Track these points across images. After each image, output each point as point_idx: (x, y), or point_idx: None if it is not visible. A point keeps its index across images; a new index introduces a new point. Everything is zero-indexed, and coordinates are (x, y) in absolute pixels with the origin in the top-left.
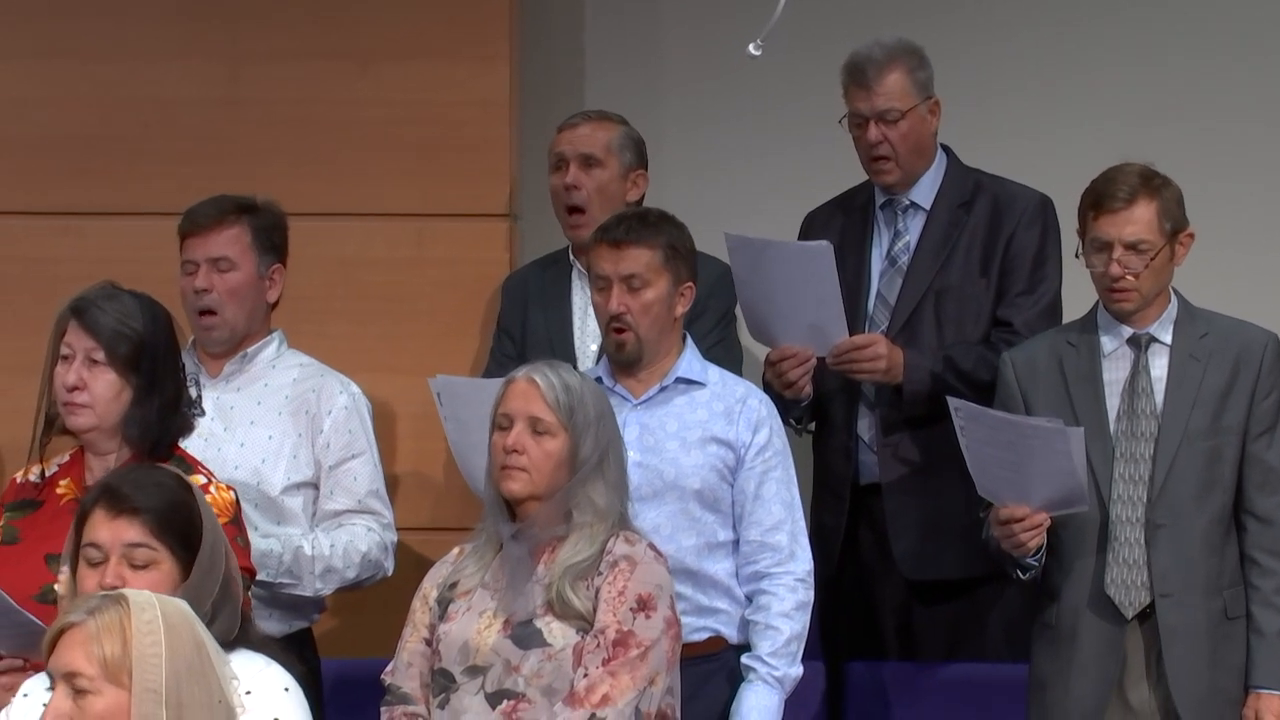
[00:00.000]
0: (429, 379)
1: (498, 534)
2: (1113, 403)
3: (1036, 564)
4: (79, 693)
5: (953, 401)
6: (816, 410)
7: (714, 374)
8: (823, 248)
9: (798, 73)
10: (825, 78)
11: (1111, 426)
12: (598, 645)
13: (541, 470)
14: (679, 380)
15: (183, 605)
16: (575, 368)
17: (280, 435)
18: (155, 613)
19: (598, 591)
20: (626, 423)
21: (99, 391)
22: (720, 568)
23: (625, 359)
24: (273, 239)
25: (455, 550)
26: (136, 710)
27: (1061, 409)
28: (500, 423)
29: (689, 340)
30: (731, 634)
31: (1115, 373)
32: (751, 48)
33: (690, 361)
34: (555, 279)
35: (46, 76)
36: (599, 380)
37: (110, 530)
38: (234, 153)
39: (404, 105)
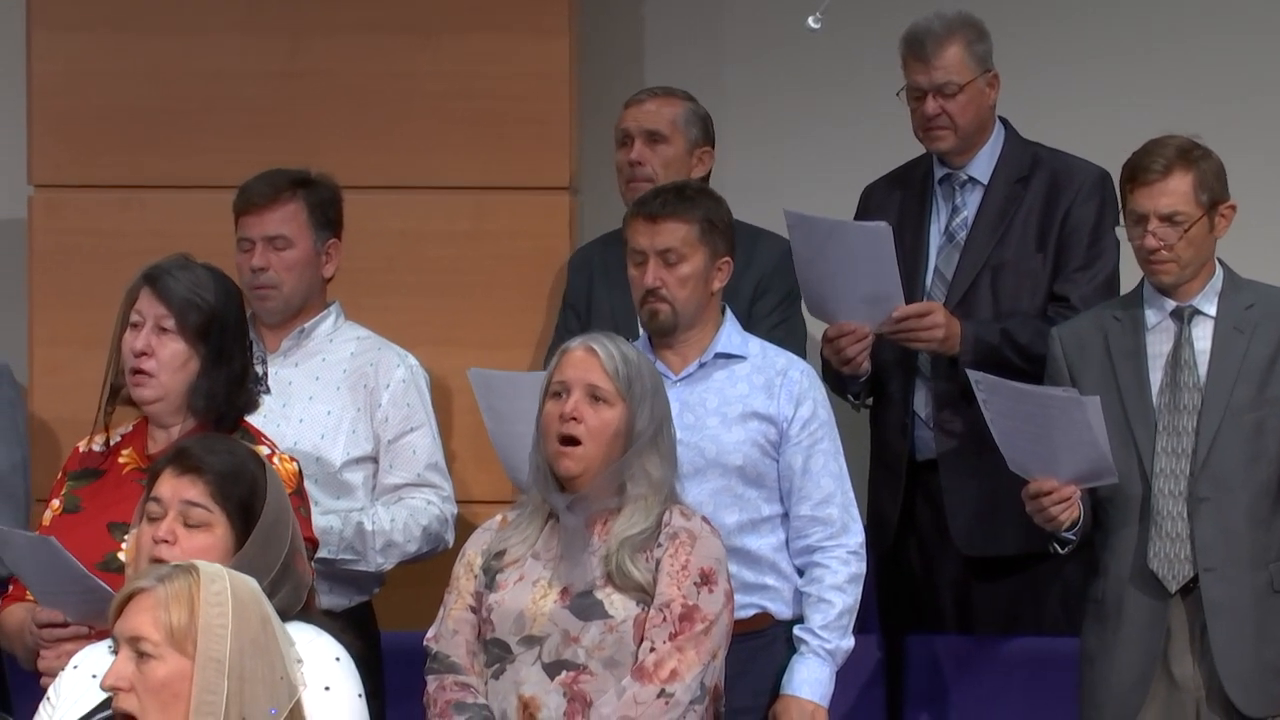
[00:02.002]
0: (468, 372)
1: (546, 504)
2: (1156, 376)
3: (1073, 538)
4: (142, 657)
5: (973, 374)
6: (874, 386)
7: (754, 346)
8: (881, 229)
9: (857, 46)
10: (884, 51)
11: (1154, 400)
12: (663, 619)
13: (598, 439)
14: (719, 355)
15: (251, 581)
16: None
17: (339, 410)
18: (225, 585)
19: (658, 564)
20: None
21: (165, 359)
22: (765, 543)
23: (660, 328)
24: (328, 214)
25: (498, 517)
26: (199, 680)
27: (1106, 383)
28: (555, 390)
29: (729, 314)
30: (779, 609)
31: (1159, 346)
32: (811, 21)
33: (730, 335)
34: (619, 255)
35: (107, 50)
36: None
37: (172, 487)
38: (294, 126)
39: (464, 78)
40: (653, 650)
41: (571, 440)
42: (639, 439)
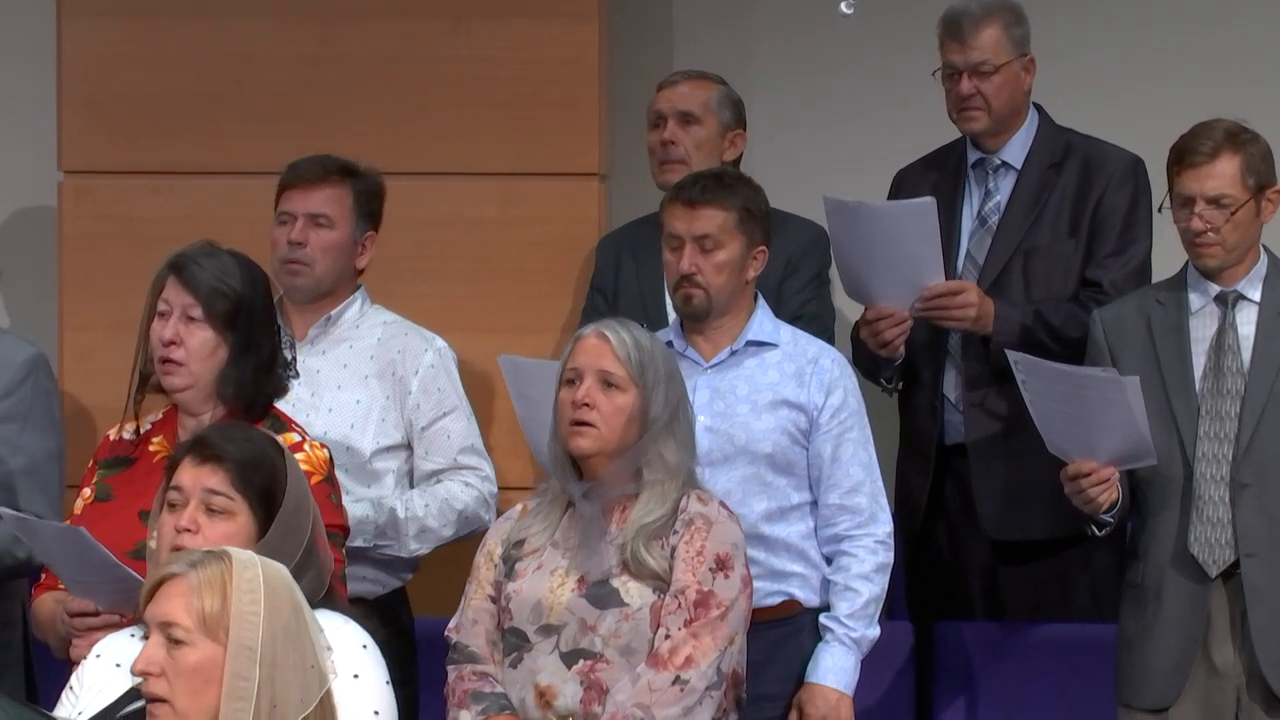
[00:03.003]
0: (499, 358)
1: (565, 492)
2: (1199, 360)
3: (1111, 520)
4: (174, 643)
5: (1012, 355)
6: (904, 370)
7: (786, 334)
8: (926, 204)
9: (887, 30)
10: (916, 36)
11: (1197, 384)
12: (678, 606)
13: (611, 425)
14: (750, 343)
15: (283, 568)
16: (666, 325)
17: (368, 399)
18: (257, 572)
19: (674, 550)
20: (697, 386)
21: (194, 348)
22: (793, 531)
23: (693, 313)
24: (371, 206)
25: (519, 507)
26: (230, 667)
27: (1148, 367)
28: (568, 377)
29: (761, 302)
30: (806, 597)
31: (1202, 330)
32: (844, 5)
33: (762, 323)
34: (648, 238)
35: (137, 36)
36: (669, 344)
37: (193, 476)
38: (324, 112)
39: (494, 64)
40: (668, 637)
41: (584, 425)
42: (654, 424)
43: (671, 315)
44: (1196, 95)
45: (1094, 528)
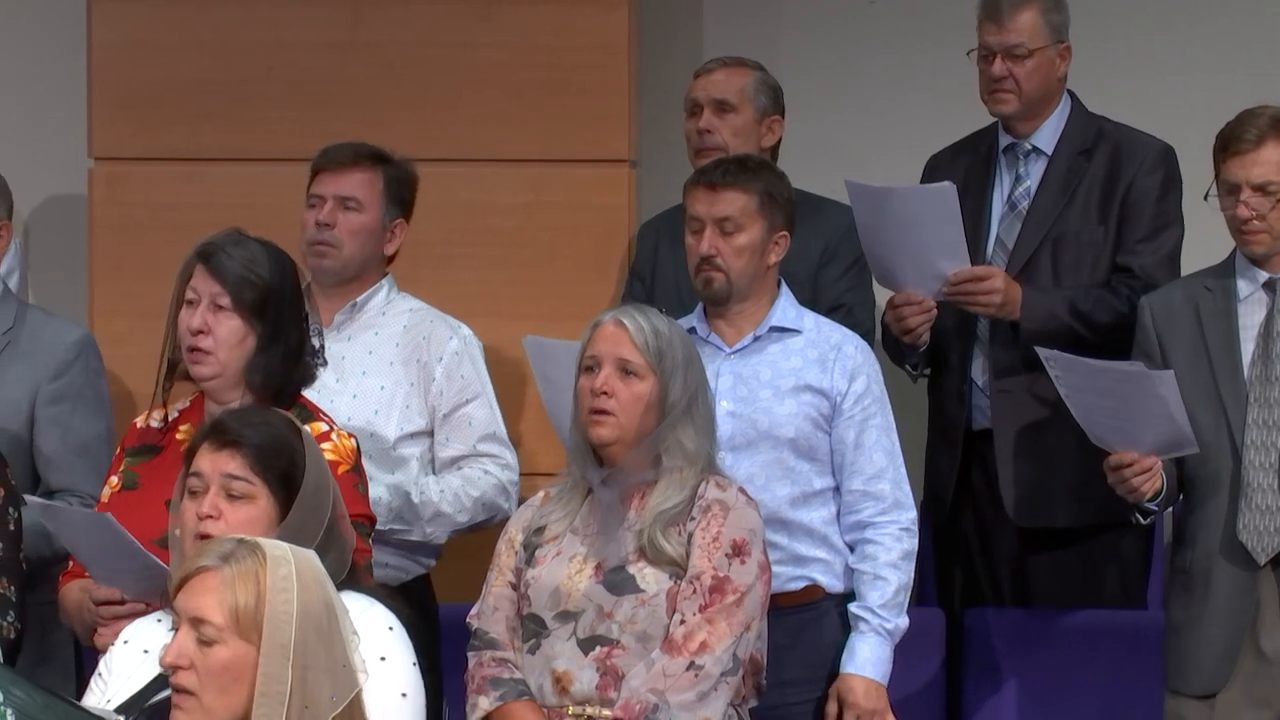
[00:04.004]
0: (523, 339)
1: (585, 479)
2: (1247, 348)
3: (1156, 508)
4: (204, 639)
5: (1043, 352)
6: (932, 355)
7: (809, 320)
8: (946, 189)
9: (920, 15)
10: (948, 20)
11: (1246, 371)
12: (694, 591)
13: (629, 413)
14: (773, 329)
15: (315, 561)
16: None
17: (392, 386)
18: (290, 569)
19: (690, 537)
20: (720, 372)
21: (223, 336)
22: (816, 516)
23: (713, 295)
24: (401, 193)
25: (540, 494)
26: (263, 667)
27: (1196, 354)
28: (587, 365)
29: (784, 288)
30: (829, 582)
31: (1250, 317)
32: None
33: (785, 309)
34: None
35: (168, 22)
36: (692, 330)
37: (212, 461)
38: (355, 97)
39: (524, 50)
40: (683, 623)
41: (603, 414)
42: (672, 411)
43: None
44: (1228, 85)
45: (1139, 516)
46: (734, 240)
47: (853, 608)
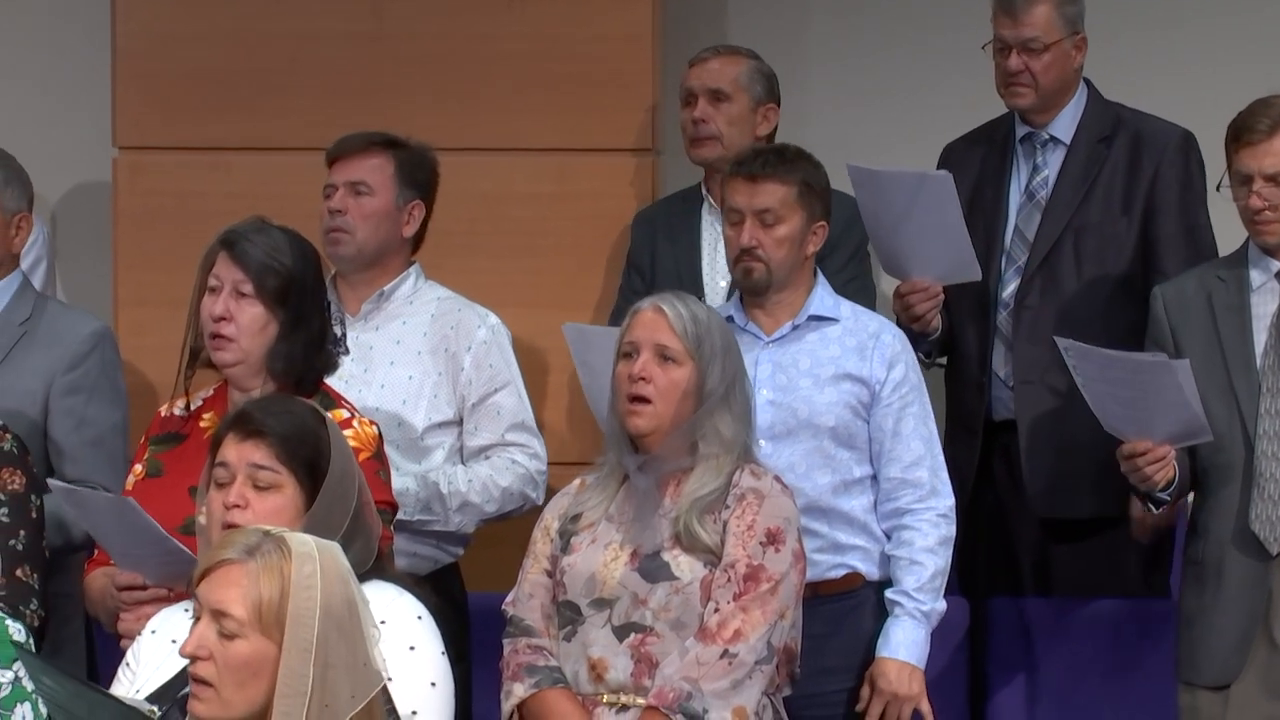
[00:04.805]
0: (563, 326)
1: (621, 466)
2: (1260, 337)
3: (1168, 498)
4: (225, 632)
5: (1061, 341)
6: (948, 344)
7: (846, 309)
8: (941, 177)
9: (941, 5)
10: (969, 10)
11: (1258, 361)
12: (728, 580)
13: (667, 399)
14: (811, 318)
15: (340, 557)
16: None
17: (420, 375)
18: (315, 567)
19: (725, 525)
20: (758, 361)
21: (245, 324)
22: (856, 504)
23: (753, 286)
24: (415, 175)
25: (576, 481)
26: (285, 664)
27: (1209, 344)
28: (625, 351)
29: (820, 277)
30: (869, 570)
31: (1263, 307)
32: None
33: (822, 298)
34: (685, 213)
35: (191, 12)
36: (730, 319)
37: (237, 451)
38: (377, 87)
39: (547, 40)
40: (716, 611)
41: (641, 400)
42: (710, 398)
43: (710, 293)
44: (1245, 73)
45: (1151, 505)
46: (774, 232)
47: (889, 593)
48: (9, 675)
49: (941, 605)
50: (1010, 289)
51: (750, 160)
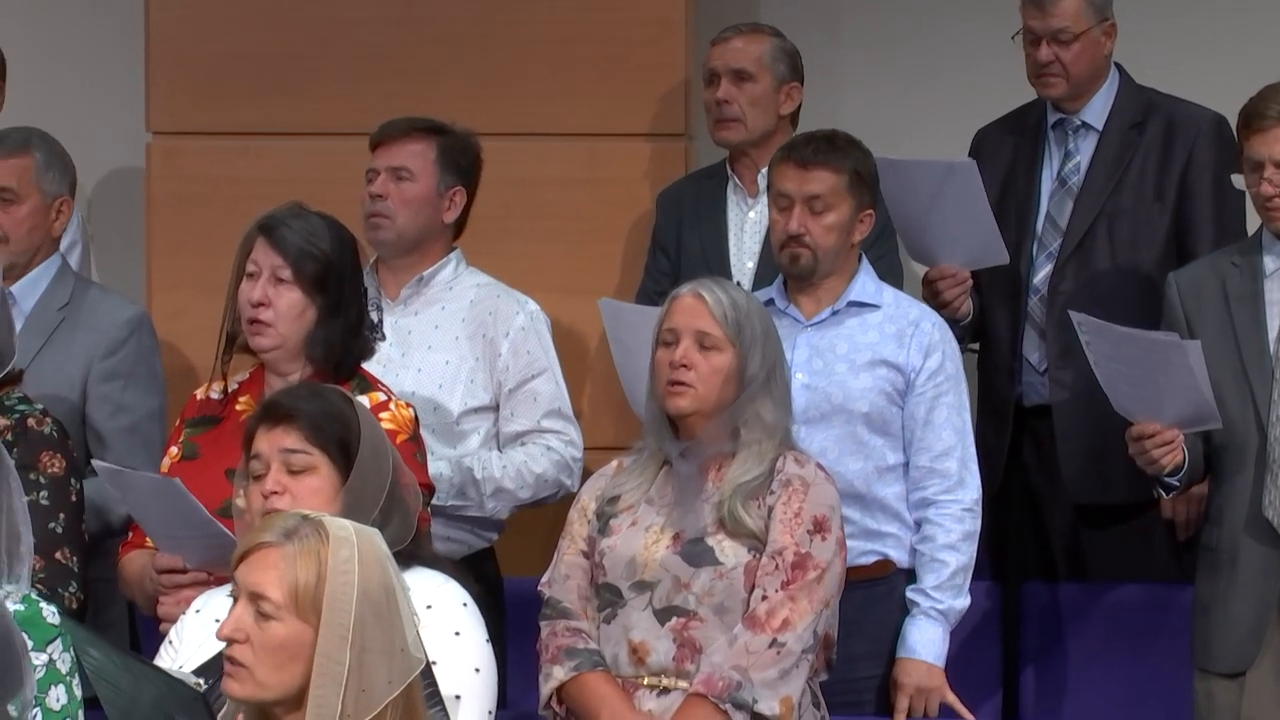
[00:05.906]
0: (599, 301)
1: (661, 450)
2: (1273, 324)
3: (1177, 483)
4: (261, 615)
5: (1075, 315)
6: (979, 329)
7: (889, 295)
8: (966, 165)
9: None
10: None
11: (1271, 347)
12: (776, 567)
13: (709, 385)
14: (852, 303)
15: (379, 542)
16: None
17: (457, 360)
18: (353, 550)
19: (770, 511)
20: (797, 344)
21: (283, 309)
22: (890, 491)
23: (799, 273)
24: (458, 161)
25: (614, 463)
26: (321, 647)
27: (1222, 330)
28: (665, 338)
29: (864, 262)
30: (900, 557)
31: (1277, 293)
32: None
33: (864, 284)
34: (711, 193)
35: None
36: (770, 302)
37: (268, 440)
38: (411, 72)
39: (581, 24)
40: (765, 599)
41: (682, 385)
42: (751, 383)
43: (737, 274)
44: (1278, 56)
45: (1160, 490)
46: (823, 219)
47: (909, 592)
48: (43, 658)
49: (962, 602)
50: (1042, 274)
51: (802, 146)
